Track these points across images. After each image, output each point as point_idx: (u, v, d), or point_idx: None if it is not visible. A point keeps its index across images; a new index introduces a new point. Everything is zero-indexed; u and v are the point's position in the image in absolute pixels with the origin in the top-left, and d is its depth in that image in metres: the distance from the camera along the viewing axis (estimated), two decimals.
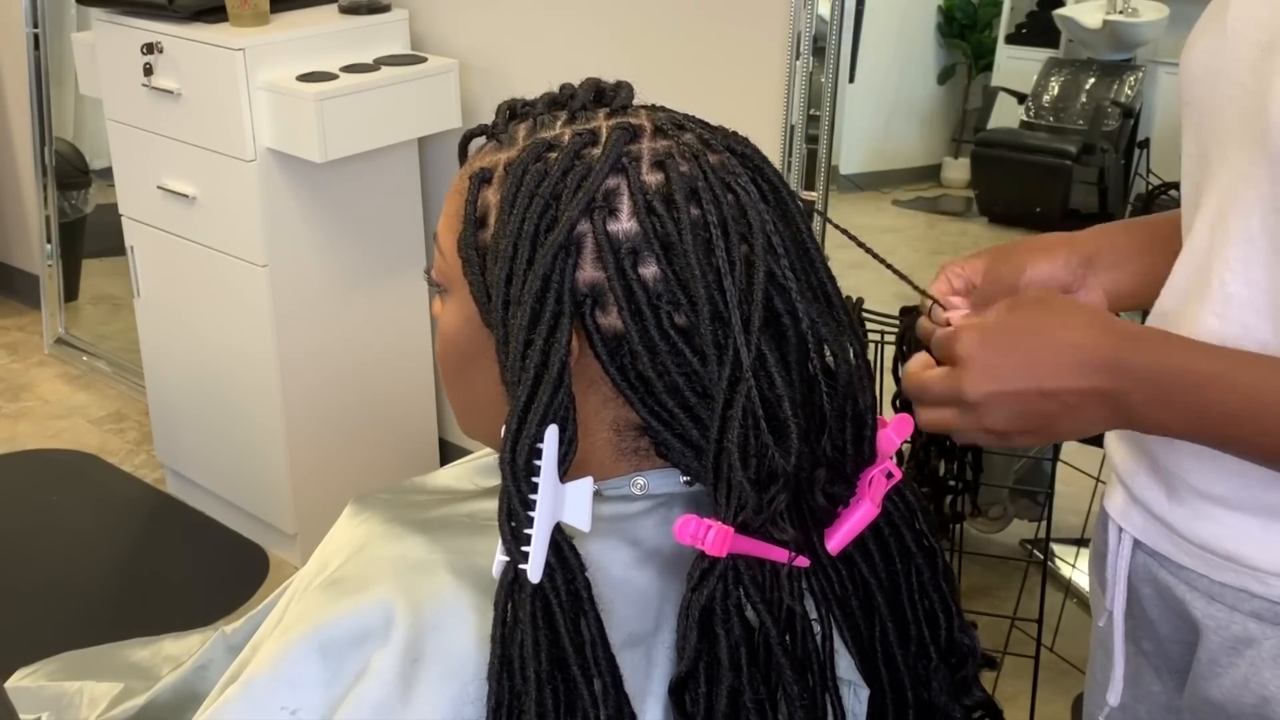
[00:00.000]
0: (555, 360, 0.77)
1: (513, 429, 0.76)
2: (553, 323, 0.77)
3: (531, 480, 0.76)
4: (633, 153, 0.81)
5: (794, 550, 0.79)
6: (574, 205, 0.78)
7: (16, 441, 3.03)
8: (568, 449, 0.78)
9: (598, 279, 0.79)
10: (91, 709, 1.09)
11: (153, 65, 2.32)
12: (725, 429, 0.77)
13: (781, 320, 0.81)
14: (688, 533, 0.77)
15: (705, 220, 0.79)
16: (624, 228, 0.79)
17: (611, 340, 0.80)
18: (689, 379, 0.80)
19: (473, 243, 0.83)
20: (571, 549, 0.78)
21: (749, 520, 0.77)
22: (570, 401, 0.78)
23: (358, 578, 0.84)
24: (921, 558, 0.91)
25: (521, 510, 0.75)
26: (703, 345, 0.78)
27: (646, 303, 0.79)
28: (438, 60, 2.34)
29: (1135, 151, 2.14)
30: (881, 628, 0.89)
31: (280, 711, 0.81)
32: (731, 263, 0.78)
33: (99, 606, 2.43)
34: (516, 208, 0.80)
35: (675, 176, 0.79)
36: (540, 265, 0.78)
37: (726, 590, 0.78)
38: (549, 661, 0.77)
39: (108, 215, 2.85)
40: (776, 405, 0.78)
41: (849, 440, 0.84)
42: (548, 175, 0.80)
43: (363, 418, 2.55)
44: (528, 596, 0.76)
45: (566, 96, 0.87)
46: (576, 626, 0.78)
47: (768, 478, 0.77)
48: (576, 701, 0.78)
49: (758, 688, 0.79)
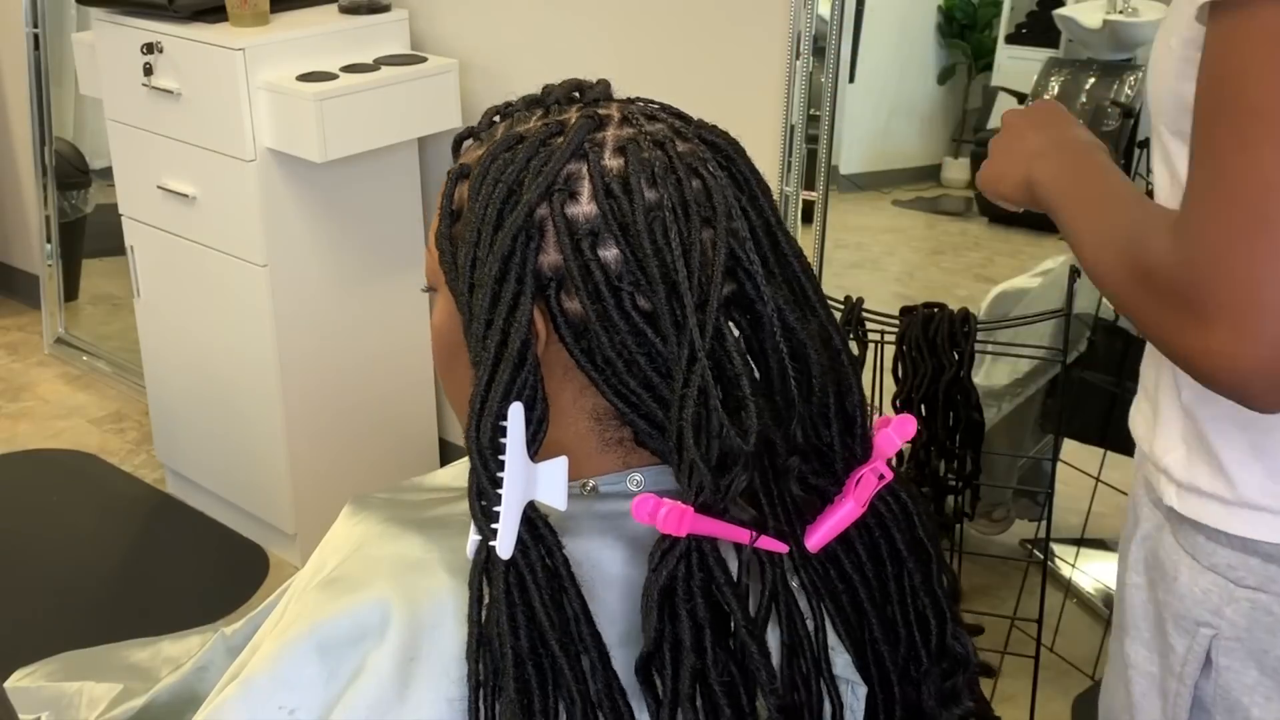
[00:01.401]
0: (516, 338, 0.77)
1: (476, 406, 0.77)
2: (512, 302, 0.78)
3: (498, 458, 0.76)
4: (596, 140, 0.82)
5: (755, 531, 0.79)
6: (534, 189, 0.79)
7: (16, 441, 3.03)
8: (537, 428, 0.78)
9: (560, 262, 0.80)
10: (91, 710, 1.09)
11: (153, 65, 2.32)
12: (683, 408, 0.77)
13: (755, 307, 0.81)
14: (645, 510, 0.77)
15: (662, 203, 0.79)
16: (583, 210, 0.80)
17: (576, 324, 0.81)
18: (651, 359, 0.80)
19: (447, 234, 0.84)
20: (547, 525, 0.79)
21: (709, 500, 0.77)
22: (537, 381, 0.78)
23: (354, 577, 0.85)
24: (913, 561, 0.90)
25: (490, 488, 0.76)
26: (664, 326, 0.79)
27: (605, 284, 0.80)
28: (438, 60, 2.34)
29: (1135, 151, 2.14)
30: (869, 629, 0.89)
31: (278, 711, 0.81)
32: (689, 244, 0.79)
33: (99, 607, 2.43)
34: (482, 194, 0.81)
35: (634, 161, 0.80)
36: (500, 247, 0.79)
37: (689, 571, 0.78)
38: (527, 638, 0.77)
39: (108, 215, 2.85)
40: (734, 384, 0.78)
41: (836, 435, 0.84)
42: (514, 163, 0.81)
43: (363, 418, 2.55)
44: (500, 574, 0.77)
45: (545, 95, 0.88)
46: (557, 603, 0.78)
47: (729, 459, 0.77)
48: (560, 678, 0.78)
49: (725, 670, 0.79)
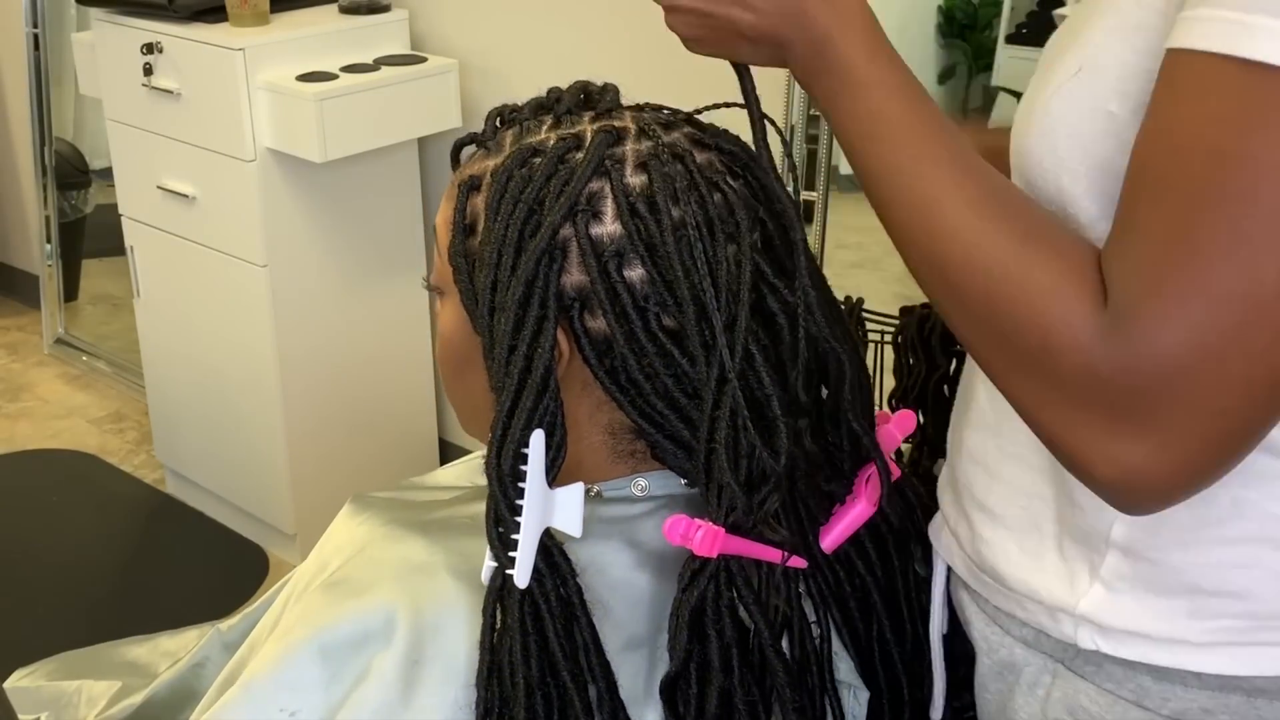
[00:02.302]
0: (539, 365, 0.76)
1: (497, 434, 0.76)
2: (536, 328, 0.77)
3: (518, 486, 0.75)
4: (616, 155, 0.80)
5: (787, 551, 0.79)
6: (556, 210, 0.78)
7: (16, 441, 3.03)
8: (556, 454, 0.77)
9: (584, 283, 0.79)
10: (90, 708, 1.09)
11: (153, 65, 2.32)
12: (714, 430, 0.77)
13: (776, 320, 0.80)
14: (677, 533, 0.76)
15: (687, 221, 0.78)
16: (608, 230, 0.79)
17: (600, 343, 0.80)
18: (678, 380, 0.80)
19: (461, 250, 0.83)
20: (562, 554, 0.78)
21: (739, 521, 0.77)
22: (557, 407, 0.77)
23: (359, 580, 0.84)
24: (919, 554, 0.90)
25: (508, 516, 0.75)
26: (691, 346, 0.78)
27: (632, 305, 0.79)
28: (438, 60, 2.34)
29: None
30: (879, 626, 0.89)
31: (280, 713, 0.81)
32: (715, 263, 0.78)
33: (99, 606, 2.43)
34: (501, 214, 0.80)
35: (658, 178, 0.79)
36: (523, 271, 0.77)
37: (718, 591, 0.78)
38: (539, 668, 0.77)
39: (108, 215, 2.85)
40: (765, 405, 0.78)
41: (845, 436, 0.84)
42: (531, 181, 0.80)
43: (362, 417, 2.54)
44: (515, 602, 0.76)
45: (553, 101, 0.87)
46: (569, 632, 0.77)
47: (758, 478, 0.77)
48: (568, 708, 0.77)
49: (750, 689, 0.79)
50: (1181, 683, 0.76)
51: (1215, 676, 0.75)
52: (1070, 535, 0.78)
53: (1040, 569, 0.80)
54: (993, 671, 0.85)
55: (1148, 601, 0.76)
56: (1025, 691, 0.82)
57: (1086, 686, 0.79)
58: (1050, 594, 0.79)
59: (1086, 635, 0.78)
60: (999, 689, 0.84)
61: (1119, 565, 0.77)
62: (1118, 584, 0.77)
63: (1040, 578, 0.80)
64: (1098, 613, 0.77)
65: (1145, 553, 0.76)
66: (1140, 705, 0.77)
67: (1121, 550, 0.76)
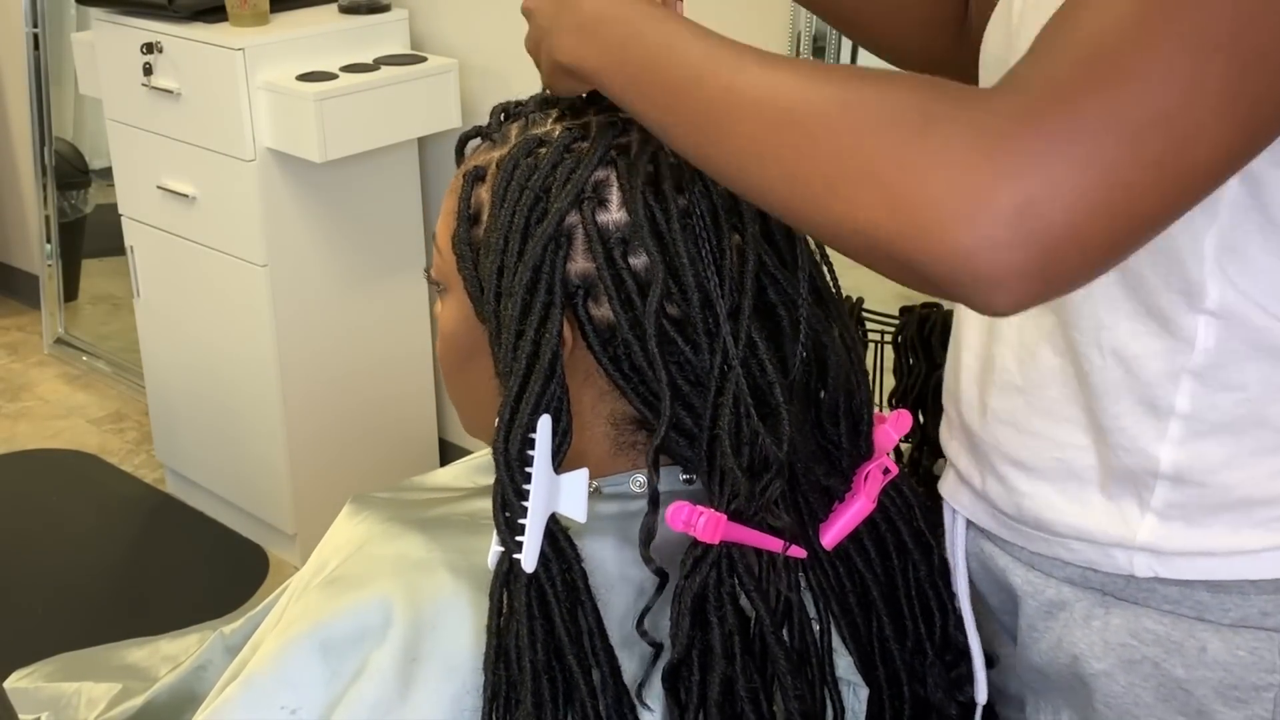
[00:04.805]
0: (546, 350, 0.77)
1: (505, 418, 0.77)
2: (543, 313, 0.78)
3: (525, 470, 0.76)
4: (622, 144, 0.81)
5: (788, 539, 0.79)
6: (563, 197, 0.79)
7: (16, 441, 3.03)
8: (562, 439, 0.78)
9: (589, 270, 0.80)
10: (89, 710, 1.09)
11: (152, 65, 2.32)
12: (717, 416, 0.78)
13: (777, 311, 0.81)
14: (680, 519, 0.77)
15: (693, 209, 0.79)
16: (614, 218, 0.80)
17: (604, 331, 0.81)
18: (681, 367, 0.80)
19: (466, 238, 0.84)
20: (567, 539, 0.78)
21: (742, 508, 0.77)
22: (564, 392, 0.78)
23: (356, 575, 0.84)
24: (918, 554, 0.91)
25: (515, 500, 0.76)
26: (694, 334, 0.78)
27: (637, 292, 0.79)
28: (438, 60, 2.34)
29: None
30: (879, 624, 0.89)
31: (280, 711, 0.81)
32: (720, 251, 0.79)
33: (99, 607, 2.43)
34: (507, 202, 0.81)
35: (663, 166, 0.80)
36: (530, 257, 0.78)
37: (720, 578, 0.78)
38: (545, 652, 0.77)
39: (108, 215, 2.85)
40: (768, 392, 0.79)
41: (844, 434, 0.85)
42: (538, 169, 0.81)
43: (362, 418, 2.54)
44: (523, 587, 0.77)
45: (558, 96, 0.87)
46: (573, 617, 0.78)
47: (761, 465, 0.77)
48: (574, 692, 0.78)
49: (751, 677, 0.79)
50: (1239, 592, 0.79)
51: (1271, 581, 0.78)
52: (1112, 476, 0.81)
53: (1085, 512, 0.83)
54: (1040, 611, 0.88)
55: (1203, 522, 0.79)
56: (1080, 624, 0.85)
57: (1145, 611, 0.82)
58: (1103, 533, 0.82)
59: (1144, 564, 0.81)
60: (1049, 626, 0.87)
61: (1170, 494, 0.80)
62: (1170, 512, 0.80)
63: (1088, 520, 0.83)
64: (1156, 542, 0.80)
65: (1196, 478, 0.79)
66: (1202, 619, 0.80)
67: (1171, 480, 0.79)
